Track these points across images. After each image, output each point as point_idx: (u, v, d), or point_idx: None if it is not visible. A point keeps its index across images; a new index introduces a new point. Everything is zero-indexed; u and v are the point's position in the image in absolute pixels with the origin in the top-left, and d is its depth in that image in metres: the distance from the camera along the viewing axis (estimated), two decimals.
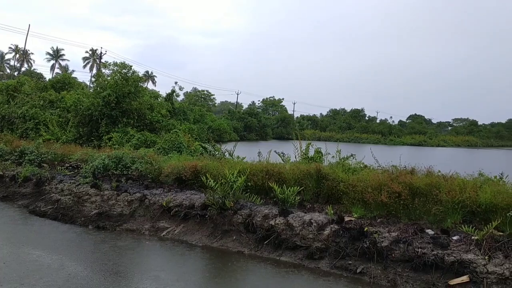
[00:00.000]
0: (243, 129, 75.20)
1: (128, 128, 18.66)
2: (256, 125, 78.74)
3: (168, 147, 15.81)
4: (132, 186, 12.04)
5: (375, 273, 7.59)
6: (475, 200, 8.12)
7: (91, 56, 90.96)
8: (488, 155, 58.92)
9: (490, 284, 6.68)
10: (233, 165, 11.01)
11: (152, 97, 24.64)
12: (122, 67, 20.71)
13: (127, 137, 17.73)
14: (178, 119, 32.70)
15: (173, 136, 16.54)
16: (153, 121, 20.38)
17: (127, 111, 19.59)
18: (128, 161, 12.84)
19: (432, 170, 10.00)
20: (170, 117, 24.10)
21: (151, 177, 12.31)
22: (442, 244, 7.43)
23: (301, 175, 10.49)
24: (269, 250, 8.91)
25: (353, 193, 9.40)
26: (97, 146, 17.26)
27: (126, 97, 19.65)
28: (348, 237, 8.22)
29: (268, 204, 10.19)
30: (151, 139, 17.54)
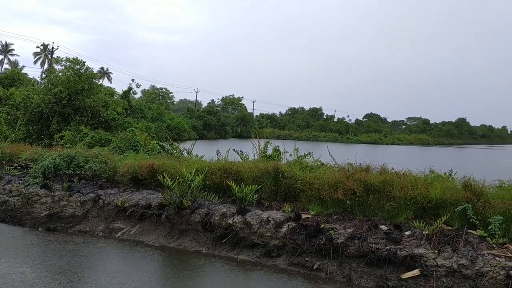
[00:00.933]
0: (202, 127, 74.66)
1: (81, 126, 17.99)
2: (216, 124, 78.39)
3: (124, 146, 15.38)
4: (85, 186, 11.63)
5: (331, 269, 7.72)
6: (426, 196, 8.40)
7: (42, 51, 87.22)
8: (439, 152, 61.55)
9: (439, 277, 6.94)
10: (191, 164, 10.87)
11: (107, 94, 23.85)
12: (75, 63, 19.97)
13: (80, 135, 17.11)
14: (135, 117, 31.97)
15: (129, 135, 16.11)
16: (108, 119, 19.76)
17: (80, 108, 18.89)
18: (81, 161, 12.39)
19: (386, 167, 10.27)
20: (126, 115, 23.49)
21: (106, 176, 11.94)
22: (395, 239, 7.65)
23: (259, 173, 10.50)
24: (227, 248, 8.86)
25: (310, 191, 9.50)
26: (48, 145, 16.55)
27: (79, 94, 18.95)
28: (305, 234, 8.31)
29: (226, 202, 10.13)
30: (106, 137, 17.00)
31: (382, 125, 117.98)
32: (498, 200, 7.91)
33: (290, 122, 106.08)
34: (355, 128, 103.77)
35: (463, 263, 6.88)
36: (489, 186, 8.77)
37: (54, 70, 20.99)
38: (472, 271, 6.75)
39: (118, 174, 11.79)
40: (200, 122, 75.10)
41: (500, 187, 8.95)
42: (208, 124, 76.70)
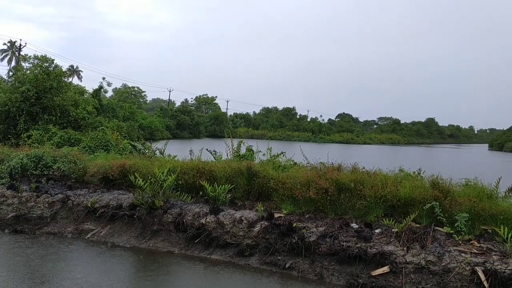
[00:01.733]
0: (175, 127, 74.05)
1: (50, 125, 17.52)
2: (189, 123, 77.87)
3: (95, 145, 15.08)
4: (53, 186, 11.34)
5: (303, 267, 7.79)
6: (395, 195, 8.58)
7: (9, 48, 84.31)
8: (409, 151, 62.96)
9: (408, 273, 7.10)
10: (163, 164, 10.76)
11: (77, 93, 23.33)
12: (43, 61, 19.46)
13: (49, 135, 16.65)
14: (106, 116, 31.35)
15: (100, 134, 15.81)
16: (78, 118, 19.33)
17: (48, 107, 18.40)
18: (49, 161, 12.07)
19: (357, 166, 10.43)
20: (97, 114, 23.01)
21: (75, 177, 11.68)
22: (365, 237, 7.78)
23: (233, 173, 10.49)
24: (199, 248, 8.82)
25: (282, 190, 9.56)
26: (15, 144, 16.03)
27: (48, 93, 18.46)
28: (278, 233, 8.35)
29: (199, 202, 10.08)
30: (76, 137, 16.62)
31: (354, 125, 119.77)
32: (464, 198, 8.15)
33: (264, 122, 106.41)
34: (328, 128, 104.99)
35: (430, 259, 7.06)
36: (455, 184, 9.02)
37: (21, 68, 20.36)
38: (439, 267, 6.94)
39: (88, 174, 11.56)
40: (174, 121, 74.45)
41: (466, 185, 9.21)
42: (182, 123, 76.12)
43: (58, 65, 19.94)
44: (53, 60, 19.82)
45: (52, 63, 19.60)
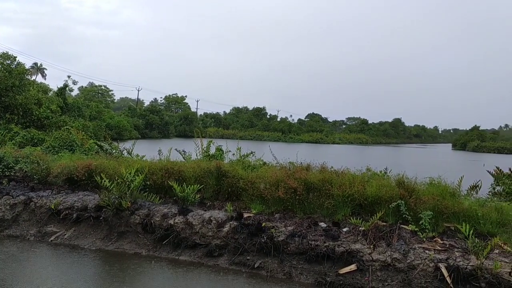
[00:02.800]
0: (144, 126, 72.97)
1: (12, 124, 16.95)
2: (159, 123, 76.89)
3: (59, 145, 14.65)
4: (15, 188, 10.95)
5: (271, 267, 7.81)
6: (362, 194, 8.72)
7: None
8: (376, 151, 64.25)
9: (374, 271, 7.23)
10: (131, 164, 10.56)
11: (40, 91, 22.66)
12: (4, 58, 18.79)
13: (10, 134, 16.08)
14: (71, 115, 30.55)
15: (65, 134, 15.37)
16: (41, 117, 18.76)
17: (10, 106, 17.78)
18: (10, 161, 11.65)
19: (325, 166, 10.54)
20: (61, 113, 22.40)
21: (38, 178, 11.30)
22: (333, 236, 7.88)
23: (202, 173, 10.41)
24: (168, 250, 8.70)
25: (252, 190, 9.55)
26: None
27: (9, 91, 17.84)
28: (247, 233, 8.34)
29: (167, 203, 9.95)
30: (39, 136, 16.11)
31: (324, 125, 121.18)
32: (428, 196, 8.37)
33: (234, 122, 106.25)
34: (298, 127, 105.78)
35: (396, 257, 7.21)
36: (420, 183, 9.24)
37: None
38: (405, 264, 7.10)
39: (51, 175, 11.22)
40: (142, 121, 73.34)
41: (431, 184, 9.44)
42: (151, 123, 75.07)
43: (20, 62, 19.32)
44: (15, 57, 19.18)
45: (14, 60, 18.95)
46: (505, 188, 11.65)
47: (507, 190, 11.51)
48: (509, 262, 6.75)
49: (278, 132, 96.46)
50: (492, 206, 8.51)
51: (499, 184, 12.03)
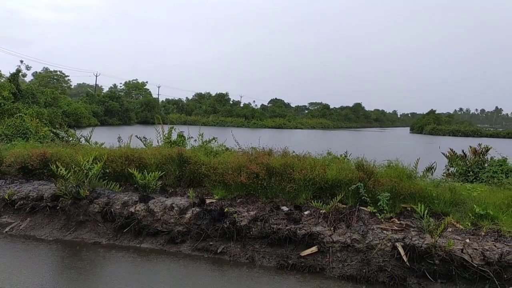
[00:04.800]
0: (104, 113, 71.10)
1: None
2: (119, 109, 75.10)
3: (12, 133, 14.04)
4: None
5: (234, 251, 7.84)
6: (323, 177, 8.86)
7: None
8: (338, 135, 65.49)
9: (335, 252, 7.40)
10: (89, 152, 10.26)
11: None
12: None
13: None
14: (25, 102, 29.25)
15: (18, 121, 14.73)
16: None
17: None
18: None
19: (287, 151, 10.63)
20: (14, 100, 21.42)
21: None
22: (295, 219, 7.98)
23: (163, 159, 10.27)
24: (129, 238, 8.56)
25: (214, 176, 9.52)
26: None
27: None
28: (209, 219, 8.32)
29: (128, 191, 9.77)
30: None
31: (286, 110, 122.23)
32: (386, 178, 8.60)
33: (197, 108, 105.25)
34: (261, 113, 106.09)
35: (355, 238, 7.40)
36: (379, 166, 9.49)
37: None
38: (364, 244, 7.30)
39: (4, 164, 10.75)
40: (101, 107, 71.41)
41: (388, 166, 9.71)
42: (110, 109, 73.22)
43: None
44: None
45: None
46: (458, 169, 12.18)
47: (460, 171, 12.04)
48: (461, 239, 7.07)
49: (242, 117, 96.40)
50: (446, 187, 8.87)
51: (453, 165, 12.57)
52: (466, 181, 11.33)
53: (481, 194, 8.64)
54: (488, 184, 10.27)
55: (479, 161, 11.96)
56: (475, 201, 8.27)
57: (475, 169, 11.76)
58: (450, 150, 13.12)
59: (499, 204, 8.05)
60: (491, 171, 11.31)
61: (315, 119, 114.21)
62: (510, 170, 11.24)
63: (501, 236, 7.15)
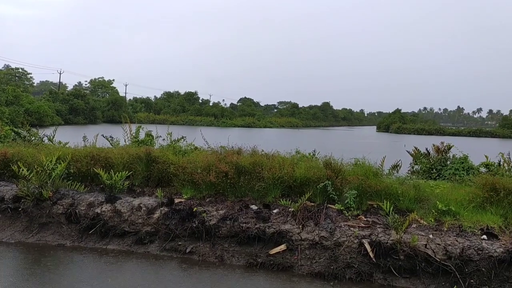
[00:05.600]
0: (68, 112, 69.29)
1: None
2: (84, 108, 73.31)
3: None
4: None
5: (203, 251, 7.80)
6: (292, 176, 8.92)
7: None
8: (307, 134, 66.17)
9: (303, 249, 7.48)
10: (52, 151, 9.96)
11: None
12: None
13: None
14: None
15: None
16: None
17: None
18: None
19: (256, 149, 10.65)
20: None
21: None
22: (264, 218, 8.01)
23: (131, 159, 10.09)
24: (94, 239, 8.37)
25: (183, 175, 9.43)
26: None
27: None
28: (178, 219, 8.24)
29: (94, 191, 9.55)
30: None
31: (256, 109, 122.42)
32: (353, 176, 8.74)
33: (165, 107, 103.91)
34: (230, 112, 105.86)
35: (323, 235, 7.49)
36: (346, 164, 9.63)
37: None
38: (331, 242, 7.40)
39: None
40: (66, 106, 69.53)
41: (356, 164, 9.87)
42: (75, 108, 71.38)
43: None
44: None
45: None
46: (422, 167, 12.53)
47: (424, 168, 12.39)
48: (425, 235, 7.28)
49: (211, 116, 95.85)
50: (410, 184, 9.10)
51: (417, 163, 12.91)
52: (429, 178, 11.67)
53: (443, 191, 8.92)
54: (450, 181, 10.61)
55: (442, 159, 12.34)
56: (438, 197, 8.52)
57: (438, 167, 12.13)
58: (415, 148, 13.49)
59: (460, 200, 8.33)
60: (453, 168, 11.70)
61: (284, 118, 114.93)
62: (471, 168, 11.66)
63: (462, 231, 7.40)
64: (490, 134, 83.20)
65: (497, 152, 12.63)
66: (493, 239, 7.09)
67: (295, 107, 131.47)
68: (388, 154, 11.66)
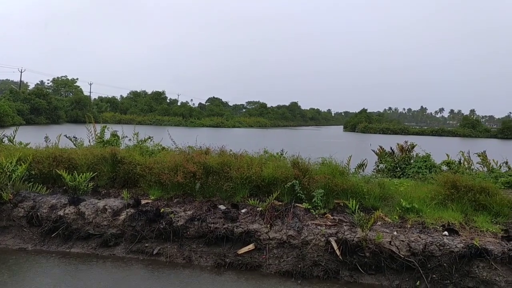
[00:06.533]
0: (29, 111, 67.02)
1: None
2: (46, 107, 71.06)
3: None
4: None
5: (171, 252, 7.71)
6: (260, 175, 8.95)
7: None
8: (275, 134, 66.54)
9: (271, 249, 7.51)
10: (12, 152, 9.61)
11: None
12: None
13: None
14: None
15: None
16: None
17: None
18: None
19: (224, 149, 10.62)
20: None
21: None
22: (232, 218, 7.99)
23: (95, 160, 9.86)
24: (57, 243, 8.13)
25: (150, 176, 9.29)
26: None
27: None
28: (145, 220, 8.11)
29: (57, 193, 9.28)
30: None
31: (224, 109, 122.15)
32: (320, 176, 8.85)
33: (132, 106, 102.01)
34: (198, 112, 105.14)
35: (291, 234, 7.55)
36: (314, 163, 9.74)
37: None
38: (299, 240, 7.46)
39: None
40: (27, 105, 67.21)
41: (323, 163, 10.01)
42: (37, 108, 69.11)
43: None
44: None
45: None
46: (387, 166, 12.84)
47: (389, 167, 12.69)
48: (390, 232, 7.45)
49: (179, 116, 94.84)
50: (375, 182, 9.31)
51: (382, 162, 13.22)
52: (394, 176, 11.97)
53: (407, 189, 9.17)
54: (414, 179, 10.92)
55: (406, 158, 12.69)
56: (402, 195, 8.75)
57: (402, 165, 12.47)
58: (380, 148, 13.80)
59: (423, 198, 8.58)
60: (416, 166, 12.05)
61: (253, 118, 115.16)
62: (433, 166, 12.04)
63: (425, 228, 7.62)
64: (451, 133, 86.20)
65: (458, 150, 13.11)
66: (454, 235, 7.33)
67: (264, 107, 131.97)
68: (354, 153, 11.88)
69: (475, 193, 8.23)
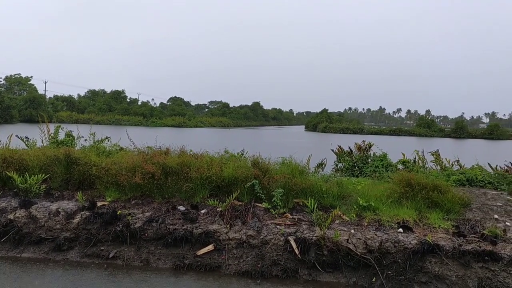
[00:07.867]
0: None
1: None
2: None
3: None
4: None
5: (128, 255, 7.52)
6: (220, 175, 8.89)
7: None
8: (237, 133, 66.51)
9: (231, 249, 7.47)
10: None
11: None
12: None
13: None
14: None
15: None
16: None
17: None
18: None
19: (185, 149, 10.49)
20: None
21: None
22: (191, 219, 7.90)
23: (48, 161, 9.51)
24: (8, 248, 7.76)
25: (106, 177, 9.04)
26: None
27: None
28: (101, 223, 7.88)
29: (6, 196, 8.88)
30: None
31: (186, 108, 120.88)
32: (280, 175, 8.91)
33: (90, 105, 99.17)
34: (160, 111, 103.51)
35: (251, 234, 7.54)
36: (274, 163, 9.80)
37: None
38: (258, 240, 7.47)
39: None
40: None
41: (283, 163, 10.09)
42: None
43: None
44: None
45: None
46: (345, 165, 13.08)
47: (347, 166, 12.94)
48: (347, 230, 7.59)
49: (139, 116, 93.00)
50: (334, 181, 9.46)
51: (341, 161, 13.46)
52: (352, 175, 12.22)
53: (364, 188, 9.37)
54: (371, 178, 11.19)
55: (363, 157, 12.98)
56: (359, 194, 8.93)
57: (360, 164, 12.74)
58: (339, 147, 14.04)
59: (379, 196, 8.80)
60: (373, 165, 12.34)
61: (215, 118, 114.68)
62: (389, 165, 12.38)
63: (381, 226, 7.81)
64: (408, 132, 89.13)
65: (414, 149, 13.55)
66: (408, 232, 7.55)
67: (226, 107, 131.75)
68: (314, 153, 12.04)
69: (428, 191, 8.52)
